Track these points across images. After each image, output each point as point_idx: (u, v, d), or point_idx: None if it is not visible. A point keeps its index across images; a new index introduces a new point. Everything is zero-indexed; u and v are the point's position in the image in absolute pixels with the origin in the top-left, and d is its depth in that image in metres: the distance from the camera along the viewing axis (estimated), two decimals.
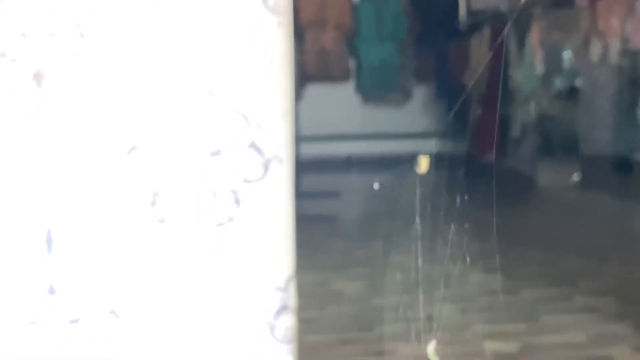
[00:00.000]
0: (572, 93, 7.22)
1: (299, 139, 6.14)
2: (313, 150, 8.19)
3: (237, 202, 1.16)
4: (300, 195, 5.61)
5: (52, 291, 1.19)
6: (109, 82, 1.18)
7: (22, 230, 1.15)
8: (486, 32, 7.32)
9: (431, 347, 1.49)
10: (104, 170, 1.18)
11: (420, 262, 1.61)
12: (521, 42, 7.11)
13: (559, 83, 7.24)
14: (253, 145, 1.15)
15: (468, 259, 1.64)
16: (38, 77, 1.16)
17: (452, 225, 1.56)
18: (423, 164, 1.38)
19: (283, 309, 1.19)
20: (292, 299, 1.20)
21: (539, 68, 7.07)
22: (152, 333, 1.19)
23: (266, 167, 1.16)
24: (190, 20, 1.15)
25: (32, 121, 1.19)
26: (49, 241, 1.15)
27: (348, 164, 8.68)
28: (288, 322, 1.20)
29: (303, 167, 6.64)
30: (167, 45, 1.16)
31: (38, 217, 1.17)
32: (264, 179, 1.16)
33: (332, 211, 5.61)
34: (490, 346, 2.92)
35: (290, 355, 1.20)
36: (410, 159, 1.65)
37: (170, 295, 1.18)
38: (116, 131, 1.17)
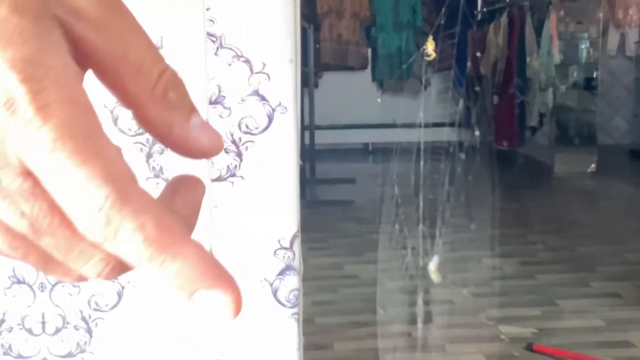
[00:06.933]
0: (589, 83, 7.17)
1: (316, 127, 6.10)
2: (330, 138, 8.15)
3: (239, 155, 1.10)
4: (317, 181, 5.58)
5: None
6: None
7: None
8: (503, 21, 7.27)
9: (433, 265, 1.40)
10: None
11: (441, 244, 1.57)
12: (539, 31, 7.10)
13: (576, 73, 7.19)
14: (256, 93, 1.08)
15: (486, 244, 1.61)
16: None
17: (471, 210, 1.54)
18: (430, 48, 1.33)
19: (287, 269, 1.12)
20: (297, 260, 1.13)
21: (556, 57, 7.04)
22: (145, 291, 1.13)
23: (270, 118, 1.09)
24: None
25: None
26: None
27: (364, 152, 8.64)
28: (293, 283, 1.12)
29: (319, 154, 6.62)
30: None
31: None
32: (267, 130, 1.09)
33: (347, 197, 5.59)
34: (506, 330, 2.88)
35: (294, 320, 1.13)
36: (430, 147, 1.62)
37: None
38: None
